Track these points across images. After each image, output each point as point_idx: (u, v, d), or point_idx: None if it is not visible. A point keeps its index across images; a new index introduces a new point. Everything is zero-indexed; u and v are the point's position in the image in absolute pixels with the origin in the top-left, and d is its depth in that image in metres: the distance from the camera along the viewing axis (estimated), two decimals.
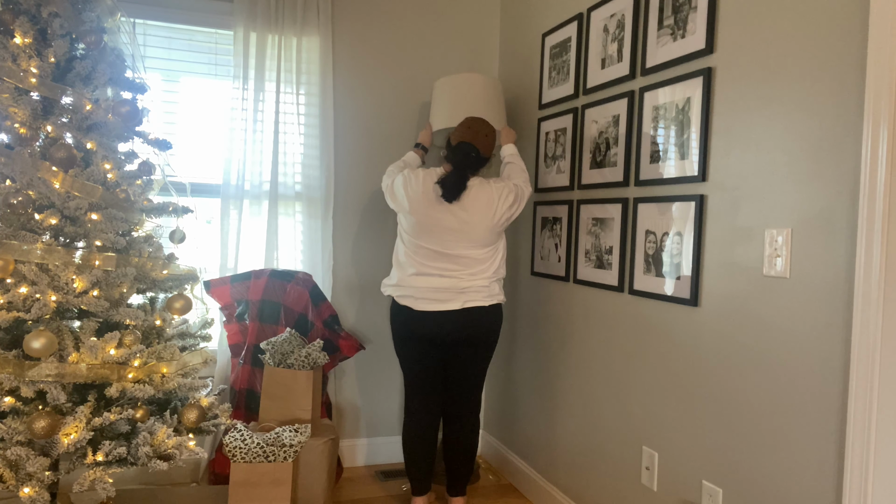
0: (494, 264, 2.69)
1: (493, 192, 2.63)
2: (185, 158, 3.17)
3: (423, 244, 2.64)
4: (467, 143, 2.65)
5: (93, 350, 1.98)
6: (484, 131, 2.67)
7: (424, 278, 2.64)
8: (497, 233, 2.68)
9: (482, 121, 2.71)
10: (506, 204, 2.63)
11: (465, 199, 2.61)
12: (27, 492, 1.85)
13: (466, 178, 2.62)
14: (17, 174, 2.03)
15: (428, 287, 2.63)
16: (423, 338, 2.71)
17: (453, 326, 2.66)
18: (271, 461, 2.42)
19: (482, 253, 2.65)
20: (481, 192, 2.63)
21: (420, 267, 2.65)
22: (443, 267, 2.63)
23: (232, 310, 3.02)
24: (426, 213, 2.61)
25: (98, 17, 2.22)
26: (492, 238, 2.66)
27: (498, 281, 2.72)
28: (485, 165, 2.72)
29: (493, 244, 2.68)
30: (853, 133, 1.60)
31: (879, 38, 1.52)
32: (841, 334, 1.63)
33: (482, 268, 2.67)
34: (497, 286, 2.71)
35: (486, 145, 2.68)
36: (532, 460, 3.13)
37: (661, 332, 2.25)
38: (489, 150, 2.70)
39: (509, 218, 2.67)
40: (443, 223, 2.60)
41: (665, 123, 2.23)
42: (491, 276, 2.68)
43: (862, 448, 1.56)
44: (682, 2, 2.16)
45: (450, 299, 2.64)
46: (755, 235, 1.87)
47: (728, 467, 1.97)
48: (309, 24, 3.21)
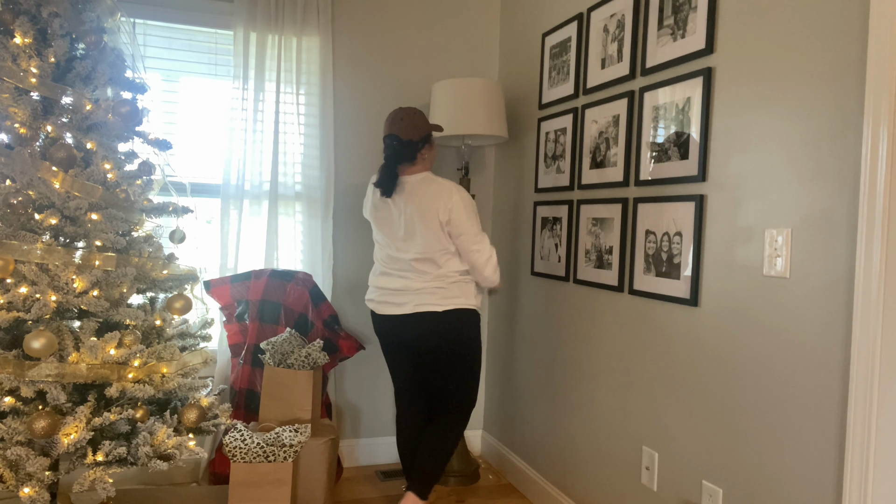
0: (450, 265, 2.54)
1: (438, 189, 2.50)
2: (185, 158, 3.17)
3: (381, 243, 2.66)
4: (386, 135, 2.58)
5: (93, 350, 1.98)
6: (399, 116, 2.56)
7: (385, 278, 2.62)
8: (445, 232, 2.52)
9: (397, 109, 2.61)
10: (447, 205, 2.48)
11: (407, 195, 2.54)
12: (27, 492, 1.85)
13: (394, 170, 2.55)
14: (17, 174, 2.03)
15: (387, 288, 2.60)
16: (390, 342, 2.69)
17: (410, 333, 2.58)
18: (271, 461, 2.42)
19: (433, 252, 2.52)
20: (423, 187, 2.53)
21: (382, 265, 2.65)
22: (397, 267, 2.59)
23: (232, 310, 3.02)
24: (374, 213, 2.65)
25: (98, 17, 2.22)
26: (439, 236, 2.51)
27: (459, 283, 2.56)
28: (419, 149, 2.57)
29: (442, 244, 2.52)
30: (853, 133, 1.60)
31: (879, 38, 1.52)
32: (841, 334, 1.63)
33: (433, 267, 2.54)
34: (457, 288, 2.55)
35: (405, 128, 2.54)
36: (532, 460, 3.13)
37: (661, 332, 2.25)
38: (411, 132, 2.54)
39: (449, 221, 2.49)
40: (390, 221, 2.60)
41: (665, 123, 2.23)
42: (445, 277, 2.54)
43: (862, 448, 1.56)
44: (682, 2, 2.16)
45: (404, 302, 2.56)
46: (755, 235, 1.87)
47: (728, 467, 1.97)
48: (309, 24, 3.21)
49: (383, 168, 2.58)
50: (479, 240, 2.54)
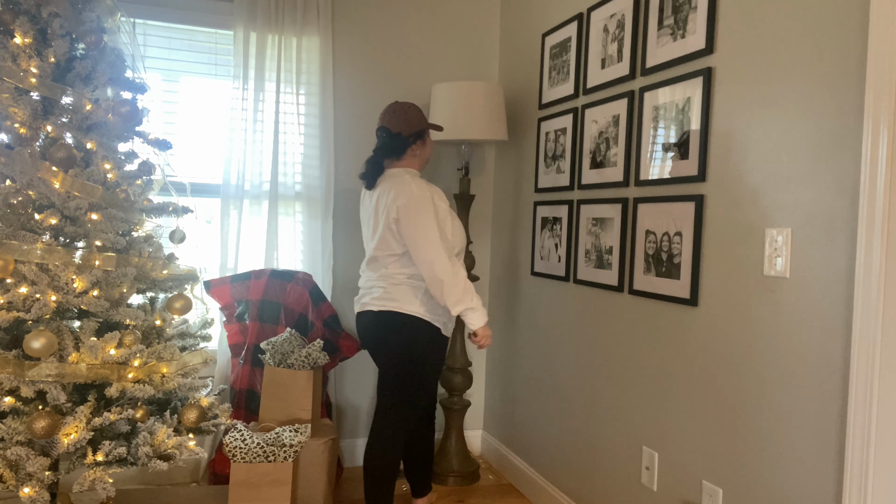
0: (395, 267, 2.41)
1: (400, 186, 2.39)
2: (185, 158, 3.17)
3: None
4: (377, 127, 2.54)
5: (93, 350, 1.98)
6: (392, 109, 2.51)
7: (363, 272, 2.60)
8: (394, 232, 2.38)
9: (394, 102, 2.58)
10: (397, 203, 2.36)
11: (378, 190, 2.49)
12: (27, 492, 1.85)
13: (380, 163, 2.51)
14: (17, 174, 2.03)
15: (361, 285, 2.59)
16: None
17: (359, 331, 2.57)
18: (271, 461, 2.42)
19: (381, 251, 2.43)
20: (392, 182, 2.43)
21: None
22: (366, 263, 2.57)
23: (232, 310, 3.02)
24: (360, 206, 2.66)
25: (98, 17, 2.22)
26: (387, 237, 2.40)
27: (403, 286, 2.41)
28: (409, 144, 2.50)
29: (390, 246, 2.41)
30: (853, 133, 1.60)
31: (879, 38, 1.52)
32: (841, 334, 1.63)
33: (379, 267, 2.46)
34: (398, 291, 2.40)
35: (395, 121, 2.47)
36: (532, 460, 3.13)
37: (661, 332, 2.25)
38: (401, 126, 2.47)
39: (397, 221, 2.36)
40: (364, 215, 2.60)
41: (665, 123, 2.23)
42: (389, 277, 2.42)
43: (862, 448, 1.56)
44: (682, 2, 2.16)
45: (360, 299, 2.55)
46: (755, 235, 1.87)
47: (728, 467, 1.97)
48: (309, 24, 3.21)
49: (369, 159, 2.55)
50: (429, 249, 2.32)
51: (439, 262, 2.30)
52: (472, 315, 2.39)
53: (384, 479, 2.48)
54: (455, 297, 2.33)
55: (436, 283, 2.32)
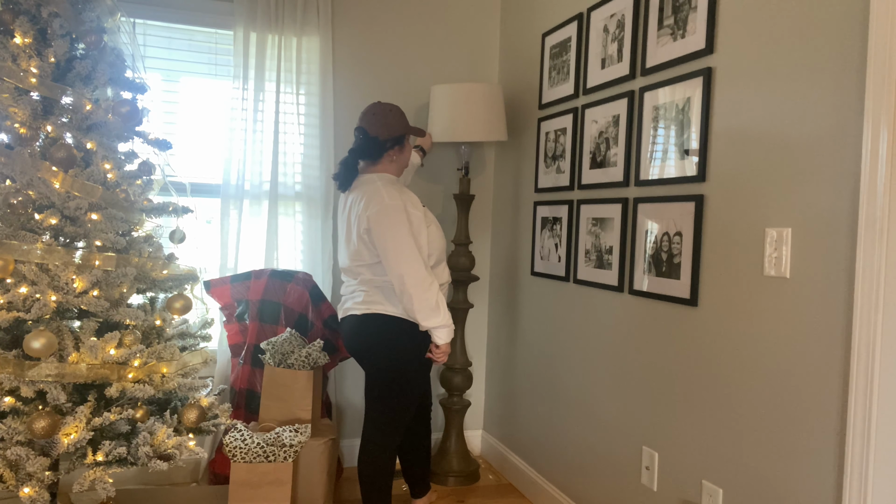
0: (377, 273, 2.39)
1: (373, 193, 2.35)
2: (185, 158, 3.17)
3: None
4: (355, 127, 2.48)
5: (93, 350, 1.98)
6: (372, 110, 2.46)
7: (344, 279, 2.58)
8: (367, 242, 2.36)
9: (375, 102, 2.51)
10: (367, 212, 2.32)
11: (351, 196, 2.46)
12: (27, 492, 1.85)
13: (353, 164, 2.46)
14: (17, 174, 2.03)
15: (343, 291, 2.56)
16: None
17: (343, 338, 2.54)
18: (271, 461, 2.42)
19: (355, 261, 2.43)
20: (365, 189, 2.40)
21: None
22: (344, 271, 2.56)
23: (232, 310, 3.02)
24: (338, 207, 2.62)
25: (98, 17, 2.22)
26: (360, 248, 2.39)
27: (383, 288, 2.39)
28: (386, 149, 2.45)
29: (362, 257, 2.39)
30: (853, 133, 1.60)
31: (879, 38, 1.52)
32: (841, 334, 1.63)
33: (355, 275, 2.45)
34: (380, 293, 2.39)
35: (373, 123, 2.42)
36: (532, 460, 3.13)
37: (661, 332, 2.25)
38: (378, 129, 2.41)
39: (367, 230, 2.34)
40: (339, 219, 2.57)
41: (665, 123, 2.23)
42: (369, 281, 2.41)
43: (862, 448, 1.56)
44: (682, 2, 2.16)
45: (342, 305, 2.54)
46: (755, 235, 1.87)
47: (728, 467, 1.97)
48: (309, 24, 3.21)
49: (343, 160, 2.50)
50: (401, 263, 2.28)
51: (410, 276, 2.28)
52: (440, 332, 2.38)
53: (380, 483, 2.48)
54: (424, 313, 2.31)
55: (406, 297, 2.30)
